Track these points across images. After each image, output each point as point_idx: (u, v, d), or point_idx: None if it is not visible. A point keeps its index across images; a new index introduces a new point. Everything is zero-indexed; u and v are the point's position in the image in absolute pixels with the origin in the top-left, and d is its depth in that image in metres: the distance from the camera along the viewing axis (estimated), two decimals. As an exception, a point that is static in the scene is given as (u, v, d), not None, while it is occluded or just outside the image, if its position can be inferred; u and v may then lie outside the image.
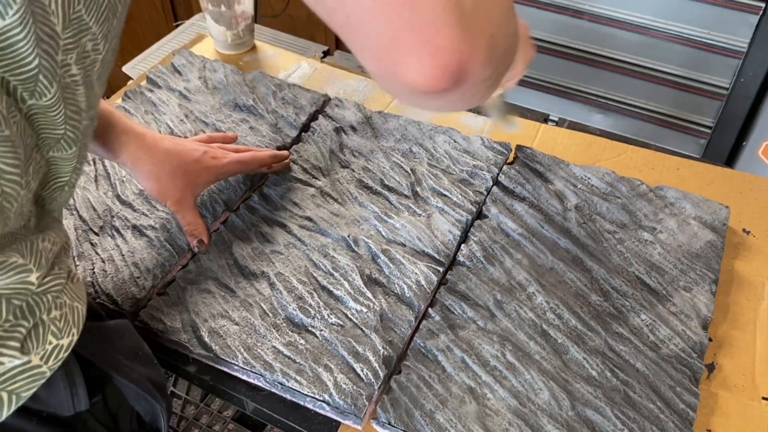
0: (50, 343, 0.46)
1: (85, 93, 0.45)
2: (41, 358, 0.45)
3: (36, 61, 0.39)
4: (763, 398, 0.61)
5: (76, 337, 0.48)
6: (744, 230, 0.76)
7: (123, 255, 0.70)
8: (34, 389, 0.45)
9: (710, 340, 0.65)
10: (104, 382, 0.52)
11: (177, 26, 1.14)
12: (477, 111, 0.90)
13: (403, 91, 0.40)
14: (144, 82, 0.95)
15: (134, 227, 0.73)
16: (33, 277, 0.44)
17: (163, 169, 0.69)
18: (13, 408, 0.44)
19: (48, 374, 0.45)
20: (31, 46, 0.38)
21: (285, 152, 0.80)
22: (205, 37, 1.07)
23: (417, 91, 0.38)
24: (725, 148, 1.45)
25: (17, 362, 0.44)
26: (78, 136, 0.46)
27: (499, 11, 0.40)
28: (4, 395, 0.43)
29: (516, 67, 0.61)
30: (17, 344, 0.44)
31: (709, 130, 1.47)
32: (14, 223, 0.44)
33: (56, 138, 0.45)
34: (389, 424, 0.57)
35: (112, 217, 0.74)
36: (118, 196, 0.77)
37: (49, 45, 0.39)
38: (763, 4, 1.25)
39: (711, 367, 0.63)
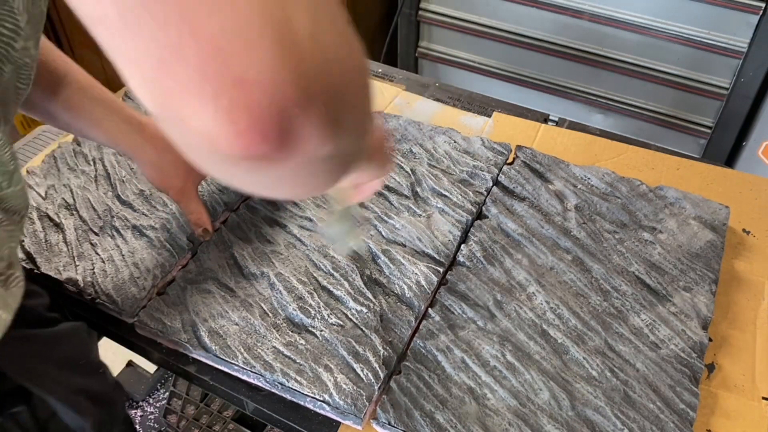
0: None
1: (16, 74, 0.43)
2: None
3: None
4: (763, 398, 0.61)
5: None
6: (744, 230, 0.76)
7: (123, 255, 0.70)
8: None
9: (710, 340, 0.65)
10: (30, 393, 0.51)
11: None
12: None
13: (193, 143, 0.25)
14: (144, 82, 0.95)
15: (134, 227, 0.73)
16: None
17: (164, 158, 0.69)
18: None
19: None
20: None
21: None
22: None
23: (213, 147, 0.24)
24: (725, 148, 1.45)
25: None
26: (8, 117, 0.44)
27: (350, 62, 0.27)
28: None
29: (365, 172, 0.48)
30: None
31: (709, 130, 1.47)
32: None
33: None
34: (389, 424, 0.57)
35: (112, 217, 0.75)
36: (118, 196, 0.77)
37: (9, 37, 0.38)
38: (763, 4, 1.26)
39: (711, 367, 0.63)
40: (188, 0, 0.21)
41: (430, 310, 0.65)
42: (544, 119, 0.93)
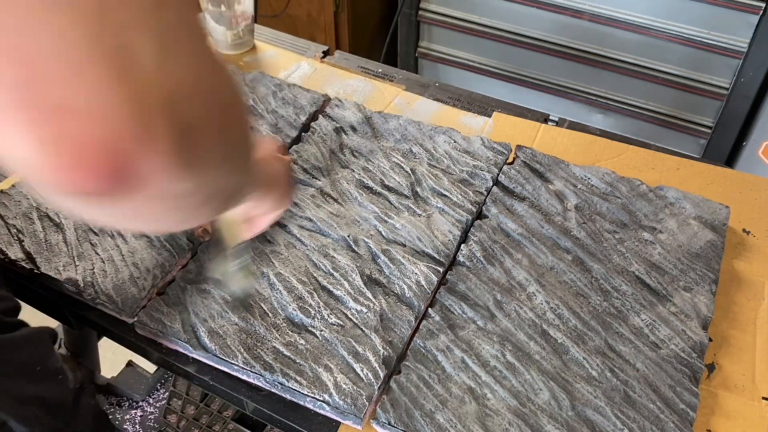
0: None
1: None
2: None
3: None
4: (763, 398, 0.61)
5: None
6: (744, 230, 0.76)
7: (123, 255, 0.70)
8: None
9: (710, 340, 0.65)
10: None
11: (177, 26, 1.14)
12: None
13: (26, 177, 0.22)
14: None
15: (134, 227, 0.73)
16: None
17: None
18: None
19: None
20: None
21: (288, 157, 0.80)
22: (205, 37, 1.07)
23: (45, 184, 0.22)
24: (725, 148, 1.45)
25: None
26: None
27: (214, 95, 0.24)
28: None
29: (258, 206, 0.46)
30: None
31: (709, 130, 1.47)
32: None
33: None
34: (389, 424, 0.57)
35: (112, 217, 0.74)
36: (118, 197, 0.77)
37: None
38: (763, 4, 1.25)
39: (711, 367, 0.63)
40: (3, 17, 0.18)
41: (430, 310, 0.65)
42: (544, 119, 0.93)
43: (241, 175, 0.30)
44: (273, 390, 0.61)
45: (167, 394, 1.22)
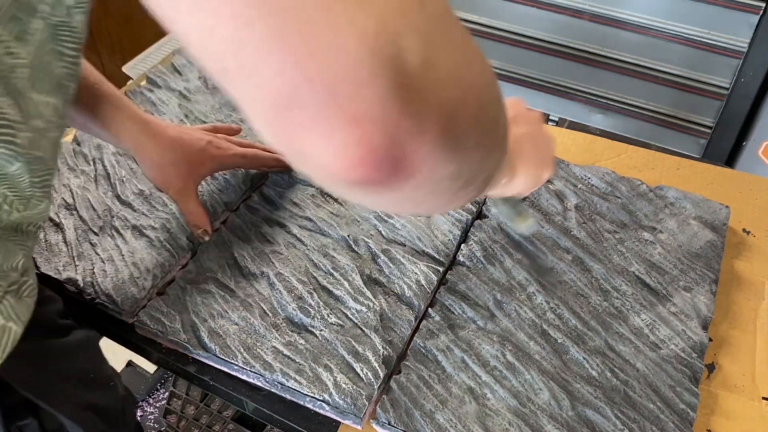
0: None
1: (12, 103, 0.39)
2: None
3: None
4: (763, 398, 0.61)
5: None
6: (744, 230, 0.76)
7: (123, 255, 0.70)
8: None
9: (710, 340, 0.65)
10: (38, 406, 0.50)
11: (177, 26, 1.14)
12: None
13: (314, 174, 0.27)
14: (144, 82, 0.95)
15: (134, 227, 0.73)
16: None
17: (166, 157, 0.69)
18: None
19: None
20: None
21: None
22: (205, 37, 1.06)
23: (332, 178, 0.26)
24: (725, 148, 1.45)
25: None
26: (16, 151, 0.41)
27: (471, 78, 0.26)
28: None
29: (517, 180, 0.48)
30: None
31: (709, 130, 1.47)
32: None
33: None
34: (389, 424, 0.57)
35: (112, 217, 0.74)
36: (117, 196, 0.77)
37: None
38: (763, 4, 1.25)
39: (711, 367, 0.63)
40: (301, 49, 0.23)
41: (430, 309, 0.65)
42: (544, 119, 0.93)
43: (498, 153, 0.32)
44: (273, 390, 0.61)
45: (167, 394, 1.23)
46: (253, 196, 0.77)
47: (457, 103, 0.26)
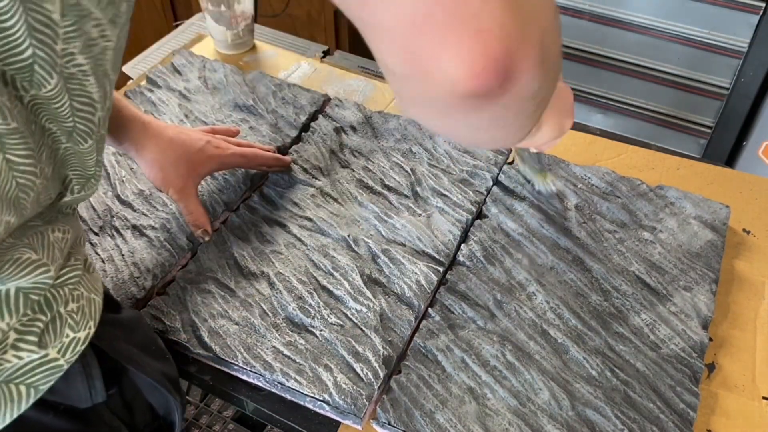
0: (67, 336, 0.46)
1: (97, 84, 0.43)
2: (58, 351, 0.45)
3: (30, 51, 0.37)
4: (763, 398, 0.61)
5: (92, 330, 0.48)
6: (744, 230, 0.76)
7: (123, 255, 0.70)
8: (51, 382, 0.45)
9: (710, 339, 0.65)
10: (120, 375, 0.53)
11: (177, 26, 1.14)
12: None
13: (433, 91, 0.31)
14: (144, 82, 0.95)
15: (134, 227, 0.73)
16: (50, 272, 0.44)
17: (166, 157, 0.69)
18: (31, 401, 0.44)
19: (65, 367, 0.46)
20: (22, 35, 0.36)
21: (288, 158, 0.80)
22: (205, 37, 1.07)
23: (453, 90, 0.30)
24: (725, 148, 1.45)
25: (35, 356, 0.44)
26: (92, 128, 0.44)
27: (549, 11, 0.33)
28: (23, 389, 0.43)
29: (543, 129, 0.54)
30: (35, 338, 0.44)
31: (709, 130, 1.47)
32: (31, 212, 0.43)
33: (67, 130, 0.43)
34: (389, 424, 0.57)
35: (112, 217, 0.74)
36: (117, 196, 0.77)
37: (44, 34, 0.37)
38: (763, 4, 1.25)
39: (711, 367, 0.63)
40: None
41: (430, 309, 0.65)
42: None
43: (557, 80, 0.37)
44: (273, 390, 0.61)
45: (167, 394, 1.22)
46: (252, 196, 0.77)
47: (547, 28, 0.32)
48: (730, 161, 1.45)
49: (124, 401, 0.54)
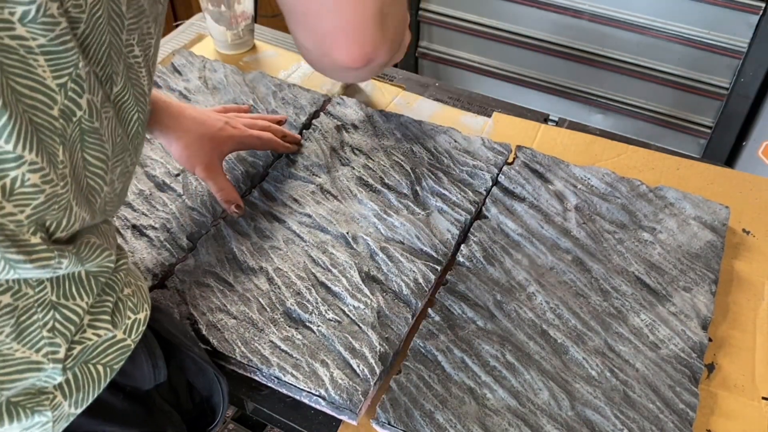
0: (129, 317, 0.49)
1: (147, 76, 0.47)
2: (124, 332, 0.48)
3: (107, 38, 0.41)
4: (763, 398, 0.61)
5: (149, 312, 0.51)
6: (744, 230, 0.76)
7: (122, 254, 0.70)
8: (123, 361, 0.48)
9: (710, 340, 0.65)
10: (168, 359, 0.55)
11: (177, 26, 1.14)
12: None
13: (329, 65, 0.58)
14: (144, 82, 0.95)
15: (134, 227, 0.73)
16: (112, 256, 0.47)
17: (190, 135, 0.71)
18: (108, 380, 0.47)
19: (132, 346, 0.49)
20: (104, 23, 0.40)
21: (297, 136, 0.83)
22: (205, 37, 1.07)
23: (339, 67, 0.56)
24: (725, 148, 1.45)
25: (109, 335, 0.47)
26: (143, 119, 0.48)
27: (400, 24, 0.58)
28: (100, 368, 0.46)
29: (401, 52, 0.74)
30: (108, 317, 0.47)
31: (709, 130, 1.47)
32: (99, 217, 0.46)
33: (134, 125, 0.47)
34: (389, 424, 0.57)
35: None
36: (117, 196, 0.77)
37: (116, 23, 0.41)
38: (763, 4, 1.25)
39: (711, 367, 0.63)
40: (344, 10, 0.52)
41: (429, 310, 0.65)
42: (544, 119, 0.93)
43: (402, 50, 0.69)
44: (269, 384, 0.61)
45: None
46: (253, 192, 0.77)
47: (395, 35, 0.57)
48: (730, 161, 1.45)
49: (170, 386, 0.56)
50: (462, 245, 0.71)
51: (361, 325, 0.62)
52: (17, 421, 0.42)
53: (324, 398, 0.58)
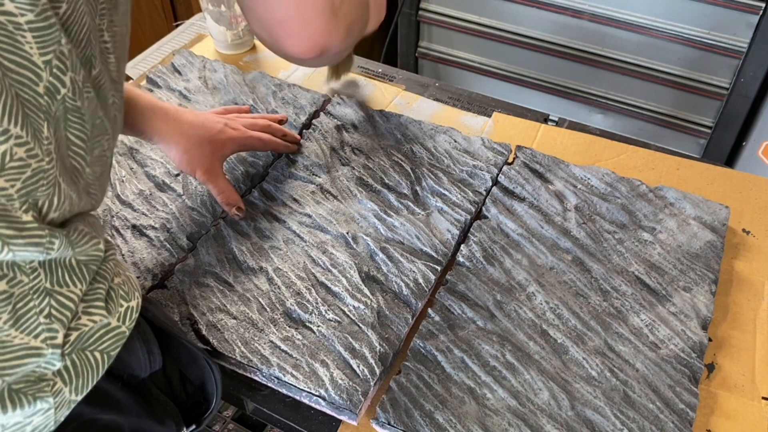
0: (122, 305, 0.49)
1: (115, 63, 0.47)
2: (118, 319, 0.49)
3: (87, 19, 0.42)
4: (763, 398, 0.61)
5: (140, 300, 0.51)
6: (744, 230, 0.76)
7: (123, 255, 0.70)
8: (119, 348, 0.48)
9: (710, 340, 0.65)
10: (161, 349, 0.55)
11: (177, 26, 1.14)
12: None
13: (282, 54, 0.60)
14: (144, 82, 0.95)
15: (134, 227, 0.73)
16: (101, 245, 0.47)
17: (189, 139, 0.71)
18: (106, 366, 0.47)
19: (127, 333, 0.49)
20: (83, 3, 0.42)
21: (297, 136, 0.83)
22: (205, 37, 1.07)
23: (293, 56, 0.58)
24: (725, 148, 1.45)
25: (104, 321, 0.47)
26: (122, 107, 0.49)
27: (357, 8, 0.58)
28: (97, 355, 0.47)
29: (371, 26, 0.74)
30: (102, 304, 0.47)
31: (709, 130, 1.47)
32: (84, 200, 0.47)
33: (112, 109, 0.48)
34: (389, 424, 0.57)
35: (112, 217, 0.74)
36: (117, 196, 0.77)
37: (92, 7, 0.43)
38: (763, 4, 1.25)
39: (711, 367, 0.63)
40: (299, 5, 0.54)
41: (429, 310, 0.65)
42: (544, 119, 0.93)
43: (363, 32, 0.67)
44: (269, 384, 0.61)
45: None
46: (253, 192, 0.77)
47: (351, 23, 0.58)
48: (729, 161, 1.45)
49: (165, 375, 0.57)
50: (462, 245, 0.71)
51: (361, 325, 0.63)
52: (20, 408, 0.42)
53: (324, 398, 0.58)
